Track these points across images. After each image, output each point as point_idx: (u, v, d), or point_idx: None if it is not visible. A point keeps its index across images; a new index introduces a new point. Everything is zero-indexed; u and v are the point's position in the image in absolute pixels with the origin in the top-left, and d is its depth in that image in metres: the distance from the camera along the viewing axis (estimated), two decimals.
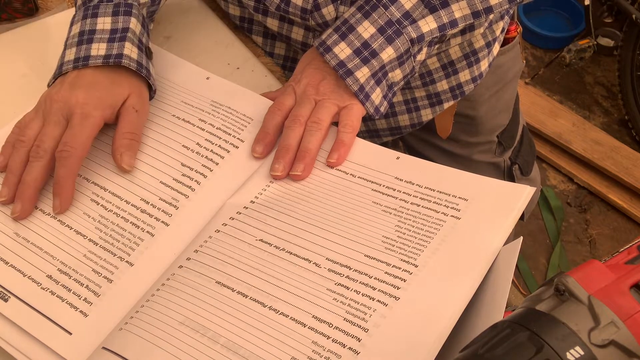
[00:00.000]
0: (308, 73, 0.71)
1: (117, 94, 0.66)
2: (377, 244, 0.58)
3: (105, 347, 0.54)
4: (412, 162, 0.66)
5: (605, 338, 0.38)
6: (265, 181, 0.66)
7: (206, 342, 0.53)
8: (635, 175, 1.96)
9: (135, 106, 0.67)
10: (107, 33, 0.68)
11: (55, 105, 0.65)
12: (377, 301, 0.54)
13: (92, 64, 0.66)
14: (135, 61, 0.68)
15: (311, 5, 0.74)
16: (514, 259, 0.54)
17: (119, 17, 0.68)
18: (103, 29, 0.68)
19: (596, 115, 2.21)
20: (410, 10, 0.68)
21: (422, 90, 0.87)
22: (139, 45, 0.69)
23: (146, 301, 0.57)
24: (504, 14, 0.85)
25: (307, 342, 0.52)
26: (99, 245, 0.61)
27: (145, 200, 0.64)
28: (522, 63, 1.01)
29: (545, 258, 1.89)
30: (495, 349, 0.38)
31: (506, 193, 0.61)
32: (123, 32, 0.68)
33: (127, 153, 0.65)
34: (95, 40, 0.67)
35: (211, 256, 0.59)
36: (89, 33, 0.68)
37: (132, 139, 0.66)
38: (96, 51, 0.67)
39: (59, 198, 0.62)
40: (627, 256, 0.43)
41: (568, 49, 2.13)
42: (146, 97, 0.69)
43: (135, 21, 0.69)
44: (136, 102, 0.67)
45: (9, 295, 0.58)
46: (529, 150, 1.11)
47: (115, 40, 0.67)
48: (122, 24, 0.68)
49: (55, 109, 0.65)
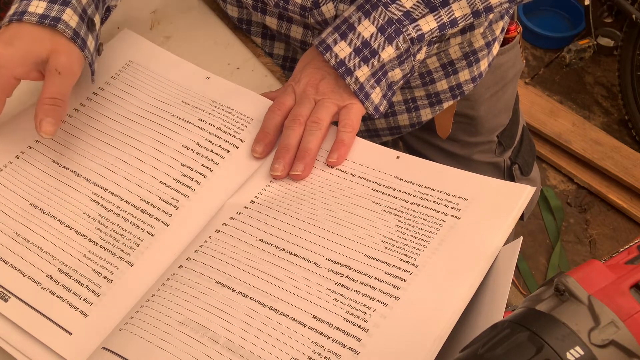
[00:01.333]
0: (308, 72, 0.71)
1: (32, 52, 0.63)
2: (377, 244, 0.58)
3: (105, 347, 0.54)
4: (412, 161, 0.66)
5: (605, 338, 0.38)
6: (265, 181, 0.66)
7: (206, 342, 0.53)
8: (635, 175, 1.96)
9: (58, 68, 0.63)
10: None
11: None
12: (377, 301, 0.54)
13: (25, 20, 0.64)
14: (72, 29, 0.65)
15: (310, 3, 0.74)
16: (514, 259, 0.54)
17: None
18: None
19: (596, 115, 2.21)
20: (410, 10, 0.67)
21: (422, 90, 0.87)
22: (82, 14, 0.66)
23: (146, 301, 0.57)
24: (504, 13, 0.85)
25: (307, 342, 0.52)
26: (99, 245, 0.61)
27: (145, 200, 0.64)
28: (522, 63, 1.01)
29: (545, 258, 1.89)
30: (495, 349, 0.38)
31: (506, 193, 0.60)
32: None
33: (46, 119, 0.61)
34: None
35: (211, 256, 0.59)
36: None
37: (53, 104, 0.62)
38: (34, 8, 0.64)
39: None
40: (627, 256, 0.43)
41: (568, 49, 2.13)
42: (75, 61, 0.65)
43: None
44: (60, 63, 0.63)
45: (9, 295, 0.58)
46: (529, 150, 1.11)
47: (56, 1, 0.65)
48: None
49: None
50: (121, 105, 0.72)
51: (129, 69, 0.75)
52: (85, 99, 0.72)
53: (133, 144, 0.68)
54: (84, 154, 0.68)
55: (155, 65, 0.76)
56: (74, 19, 0.65)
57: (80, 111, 0.71)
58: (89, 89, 0.73)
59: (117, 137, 0.69)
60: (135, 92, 0.73)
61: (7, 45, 0.63)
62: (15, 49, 0.63)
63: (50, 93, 0.63)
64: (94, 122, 0.70)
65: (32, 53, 0.64)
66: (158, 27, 0.83)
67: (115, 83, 0.74)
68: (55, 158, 0.67)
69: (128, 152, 0.68)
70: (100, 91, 0.73)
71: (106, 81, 0.74)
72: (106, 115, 0.71)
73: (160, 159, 0.67)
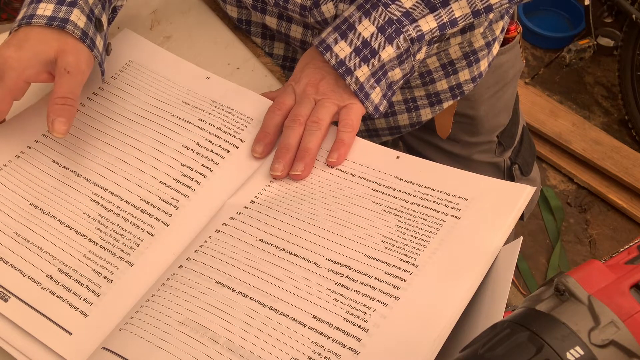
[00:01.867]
0: (308, 72, 0.71)
1: (41, 52, 0.64)
2: (377, 244, 0.58)
3: (105, 347, 0.54)
4: (412, 161, 0.66)
5: (605, 338, 0.38)
6: (265, 181, 0.66)
7: (206, 342, 0.53)
8: (635, 175, 1.96)
9: (67, 67, 0.64)
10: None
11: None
12: (377, 301, 0.54)
13: (35, 22, 0.65)
14: (80, 29, 0.66)
15: (310, 2, 0.74)
16: (514, 259, 0.54)
17: None
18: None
19: (596, 115, 2.21)
20: (410, 9, 0.67)
21: (422, 90, 0.87)
22: (89, 15, 0.67)
23: (146, 301, 0.57)
24: (504, 13, 0.85)
25: (307, 342, 0.52)
26: (99, 245, 0.61)
27: (145, 200, 0.64)
28: (522, 63, 1.01)
29: (545, 258, 1.89)
30: (495, 349, 0.38)
31: (506, 193, 0.60)
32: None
33: (58, 119, 0.62)
34: (44, 0, 0.66)
35: (211, 256, 0.59)
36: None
37: (64, 103, 0.62)
38: (42, 10, 0.65)
39: None
40: (627, 256, 0.43)
41: (568, 49, 2.13)
42: (84, 59, 0.66)
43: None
44: (68, 62, 0.64)
45: (9, 295, 0.58)
46: (529, 150, 1.11)
47: (64, 3, 0.66)
48: None
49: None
50: (121, 105, 0.72)
51: (129, 69, 0.75)
52: (85, 99, 0.72)
53: (133, 144, 0.68)
54: (84, 153, 0.68)
55: (155, 65, 0.76)
56: (82, 19, 0.66)
57: (80, 111, 0.71)
58: (89, 89, 0.73)
59: (117, 137, 0.69)
60: (136, 92, 0.73)
61: (16, 49, 0.64)
62: (24, 51, 0.64)
63: (61, 93, 0.63)
64: (94, 122, 0.70)
65: (41, 54, 0.64)
66: (158, 27, 0.83)
67: (115, 83, 0.74)
68: (55, 158, 0.67)
69: (128, 152, 0.68)
70: (101, 91, 0.73)
71: (106, 81, 0.74)
72: (106, 115, 0.71)
73: (160, 158, 0.67)
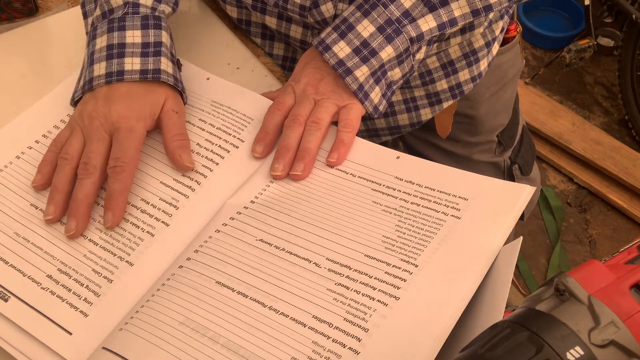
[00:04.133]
0: (307, 72, 0.71)
1: (155, 103, 0.67)
2: (377, 244, 0.58)
3: (105, 347, 0.54)
4: (412, 161, 0.66)
5: (605, 338, 0.38)
6: (265, 181, 0.66)
7: (206, 342, 0.53)
8: (635, 175, 1.96)
9: (174, 108, 0.67)
10: (138, 47, 0.67)
11: (95, 122, 0.64)
12: (377, 301, 0.54)
13: (127, 79, 0.66)
14: (172, 76, 0.68)
15: (310, 2, 0.74)
16: (514, 259, 0.54)
17: (149, 31, 0.68)
18: (134, 43, 0.67)
19: (596, 115, 2.21)
20: (409, 9, 0.68)
21: (422, 90, 0.87)
22: (172, 58, 0.70)
23: (146, 301, 0.57)
24: (504, 13, 0.85)
25: (307, 342, 0.52)
26: (99, 245, 0.61)
27: (145, 200, 0.64)
28: (522, 63, 1.01)
29: (545, 258, 1.89)
30: (495, 349, 0.38)
31: (506, 193, 0.60)
32: (156, 46, 0.68)
33: (184, 154, 0.65)
34: (127, 54, 0.67)
35: (211, 256, 0.59)
36: (119, 47, 0.67)
37: (182, 139, 0.66)
38: (130, 65, 0.66)
39: (112, 212, 0.61)
40: (627, 256, 0.43)
41: (568, 49, 2.13)
42: (180, 100, 0.70)
43: (166, 34, 0.69)
44: (173, 104, 0.68)
45: (9, 295, 0.58)
46: (529, 150, 1.11)
47: (149, 54, 0.67)
48: (153, 38, 0.68)
49: (96, 125, 0.64)
50: None
51: None
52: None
53: None
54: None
55: None
56: (170, 66, 0.68)
57: None
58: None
59: None
60: None
61: (126, 107, 0.65)
62: (133, 109, 0.65)
63: (177, 130, 0.66)
64: None
65: (154, 105, 0.66)
66: None
67: None
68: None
69: None
70: None
71: None
72: None
73: (160, 159, 0.67)
